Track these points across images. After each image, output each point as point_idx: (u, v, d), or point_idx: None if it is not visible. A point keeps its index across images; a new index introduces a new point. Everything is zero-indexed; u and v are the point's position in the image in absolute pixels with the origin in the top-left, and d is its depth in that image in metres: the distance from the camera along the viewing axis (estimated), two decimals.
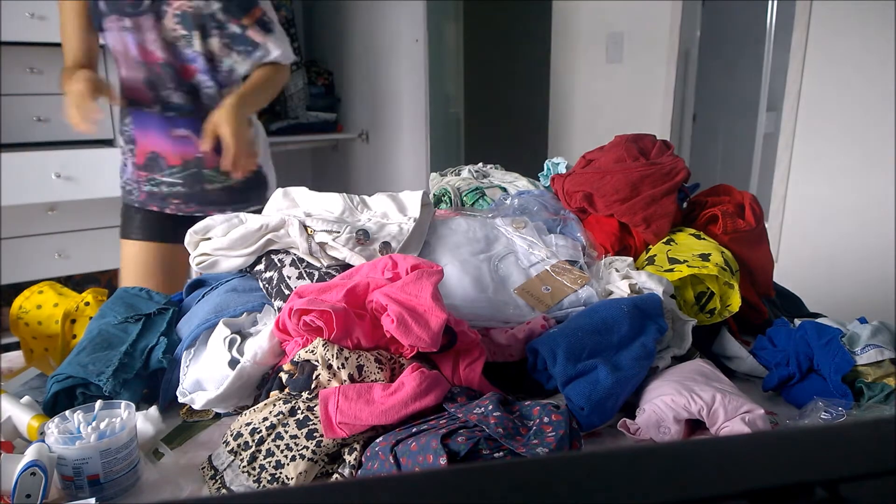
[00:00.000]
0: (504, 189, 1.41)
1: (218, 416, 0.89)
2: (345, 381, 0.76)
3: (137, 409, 0.79)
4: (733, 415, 0.77)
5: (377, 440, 0.71)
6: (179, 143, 1.50)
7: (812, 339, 0.93)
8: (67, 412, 0.75)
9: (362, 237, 0.96)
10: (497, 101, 4.46)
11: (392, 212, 1.08)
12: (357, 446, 0.72)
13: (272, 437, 0.73)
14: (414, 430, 0.70)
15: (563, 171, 1.37)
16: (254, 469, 0.72)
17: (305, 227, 0.99)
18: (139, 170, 1.53)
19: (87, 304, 1.03)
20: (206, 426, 0.87)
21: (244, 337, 0.88)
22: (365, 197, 1.12)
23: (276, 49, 1.50)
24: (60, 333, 1.01)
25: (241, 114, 1.37)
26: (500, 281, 0.99)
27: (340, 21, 3.22)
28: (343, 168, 3.42)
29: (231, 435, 0.75)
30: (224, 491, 0.72)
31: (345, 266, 0.98)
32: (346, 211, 1.08)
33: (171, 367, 0.90)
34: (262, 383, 0.85)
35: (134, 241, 1.57)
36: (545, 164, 1.49)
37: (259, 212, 1.11)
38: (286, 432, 0.73)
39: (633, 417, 0.83)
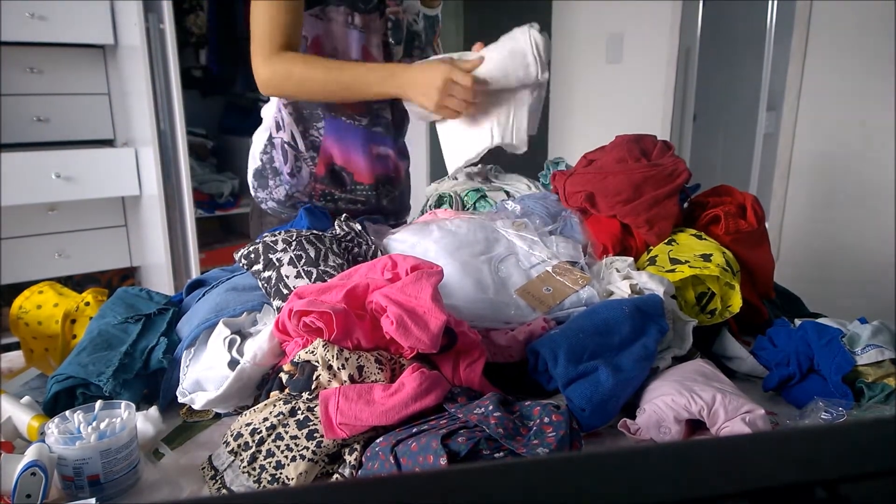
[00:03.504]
0: (508, 194, 1.42)
1: (218, 416, 0.89)
2: (345, 381, 0.76)
3: (137, 409, 0.79)
4: (734, 415, 0.77)
5: (377, 440, 0.71)
6: (378, 162, 1.33)
7: (812, 340, 0.93)
8: (67, 412, 0.75)
9: None
10: None
11: None
12: (357, 446, 0.72)
13: (272, 437, 0.73)
14: (414, 430, 0.70)
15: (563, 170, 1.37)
16: (254, 469, 0.72)
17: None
18: (317, 182, 1.31)
19: (87, 304, 1.03)
20: (206, 426, 0.87)
21: (244, 337, 0.88)
22: None
23: None
24: (60, 333, 1.00)
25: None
26: (500, 282, 0.99)
27: None
28: None
29: (231, 435, 0.75)
30: (224, 491, 0.72)
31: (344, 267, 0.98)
32: None
33: (171, 368, 0.90)
34: (262, 384, 0.85)
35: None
36: (545, 164, 1.49)
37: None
38: (286, 433, 0.73)
39: (633, 417, 0.83)
